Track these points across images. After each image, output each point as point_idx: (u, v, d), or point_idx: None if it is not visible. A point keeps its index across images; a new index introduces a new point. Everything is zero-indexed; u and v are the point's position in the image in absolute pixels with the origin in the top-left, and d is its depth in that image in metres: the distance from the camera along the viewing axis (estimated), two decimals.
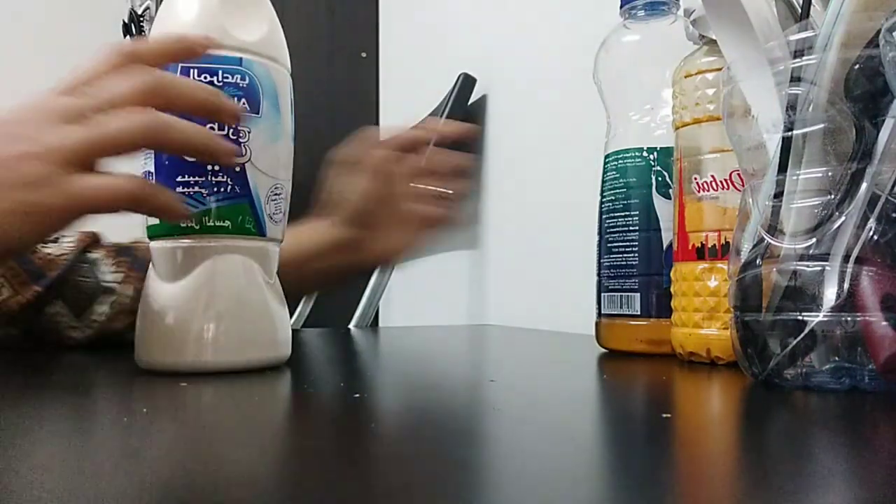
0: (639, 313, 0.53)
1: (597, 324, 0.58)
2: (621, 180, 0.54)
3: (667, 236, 0.53)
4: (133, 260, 0.59)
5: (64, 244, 0.58)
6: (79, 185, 0.37)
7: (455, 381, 0.44)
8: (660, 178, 0.53)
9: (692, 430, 0.30)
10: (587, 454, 0.24)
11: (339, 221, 0.54)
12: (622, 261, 0.54)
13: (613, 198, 0.55)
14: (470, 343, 0.76)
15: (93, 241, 0.60)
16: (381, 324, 1.41)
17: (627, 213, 0.54)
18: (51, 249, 0.57)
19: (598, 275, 0.58)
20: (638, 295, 0.53)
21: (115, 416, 0.31)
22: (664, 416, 0.32)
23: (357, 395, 0.36)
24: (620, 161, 0.55)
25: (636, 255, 0.54)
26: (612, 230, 0.55)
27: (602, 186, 0.57)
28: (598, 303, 0.57)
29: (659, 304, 0.53)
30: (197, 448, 0.25)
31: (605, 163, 0.57)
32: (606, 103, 0.59)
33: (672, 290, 0.52)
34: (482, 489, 0.20)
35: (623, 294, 0.54)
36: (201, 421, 0.31)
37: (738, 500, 0.19)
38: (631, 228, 0.54)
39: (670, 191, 0.52)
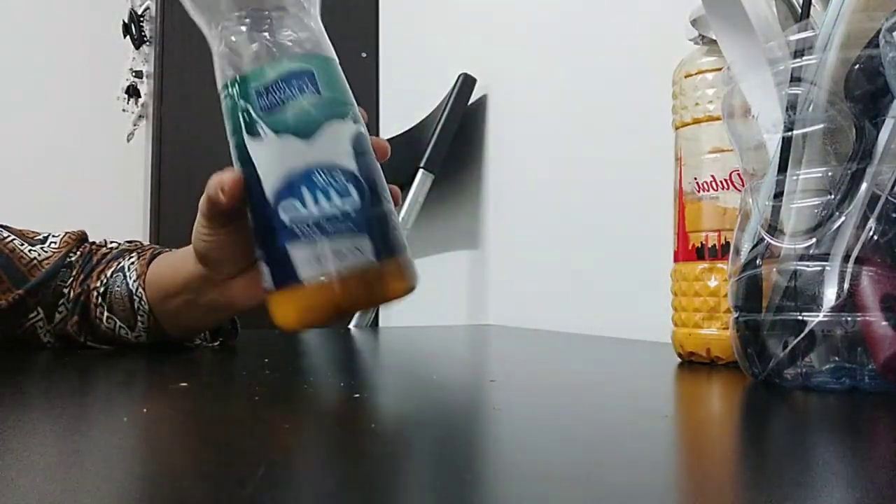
0: None
1: None
2: None
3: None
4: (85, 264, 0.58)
5: (50, 247, 0.58)
6: None
7: (455, 381, 0.44)
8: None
9: (692, 430, 0.30)
10: (587, 454, 0.24)
11: (196, 258, 0.50)
12: None
13: None
14: (470, 343, 0.76)
15: (80, 241, 0.60)
16: (381, 324, 1.41)
17: None
18: (36, 253, 0.57)
19: None
20: None
21: (116, 415, 0.31)
22: (664, 416, 0.32)
23: (357, 395, 0.36)
24: None
25: None
26: None
27: None
28: None
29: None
30: (197, 447, 0.25)
31: None
32: None
33: (672, 290, 0.52)
34: (482, 489, 0.20)
35: None
36: (201, 420, 0.31)
37: (739, 500, 0.19)
38: None
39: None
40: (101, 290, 0.56)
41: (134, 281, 0.56)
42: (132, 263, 0.56)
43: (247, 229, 0.42)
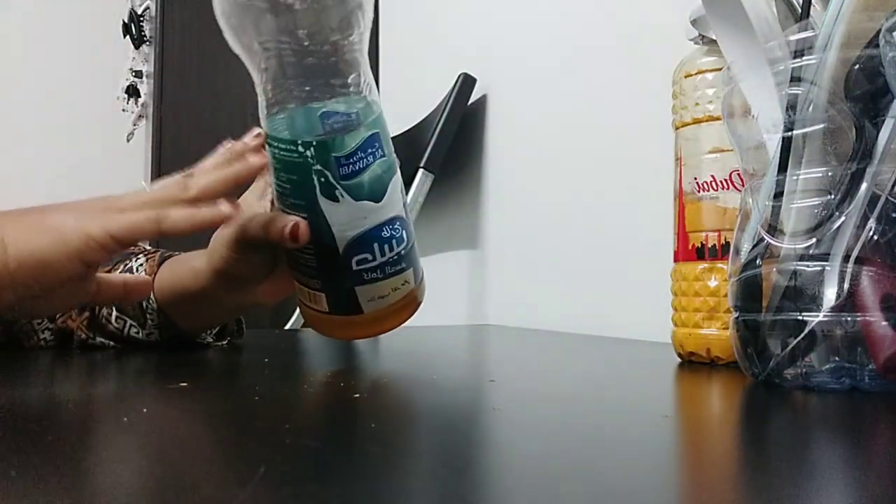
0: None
1: None
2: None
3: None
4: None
5: None
6: (113, 216, 0.45)
7: (455, 381, 0.44)
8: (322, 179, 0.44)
9: (692, 430, 0.30)
10: (587, 454, 0.24)
11: (226, 261, 0.51)
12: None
13: None
14: (470, 343, 0.76)
15: None
16: None
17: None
18: None
19: None
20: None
21: (116, 415, 0.31)
22: (664, 416, 0.32)
23: (357, 395, 0.36)
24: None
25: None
26: None
27: None
28: None
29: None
30: (197, 447, 0.25)
31: None
32: None
33: (672, 289, 0.52)
34: (482, 489, 0.20)
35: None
36: (201, 420, 0.31)
37: (739, 500, 0.19)
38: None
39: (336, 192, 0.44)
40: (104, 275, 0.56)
41: (140, 265, 0.56)
42: (141, 265, 0.57)
43: (267, 248, 0.47)
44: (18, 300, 0.44)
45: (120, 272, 0.57)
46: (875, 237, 0.35)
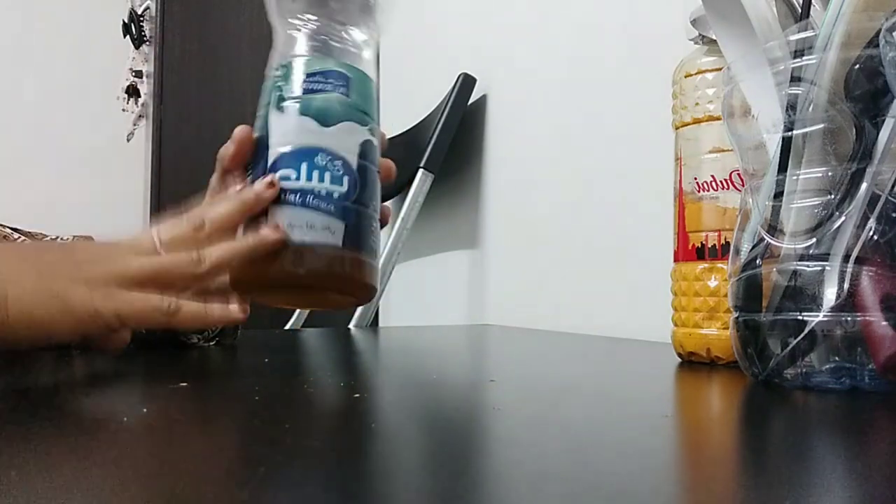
0: None
1: None
2: None
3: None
4: None
5: None
6: (126, 297, 0.43)
7: (455, 381, 0.44)
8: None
9: (692, 430, 0.30)
10: (587, 454, 0.24)
11: None
12: None
13: None
14: (470, 343, 0.76)
15: None
16: (380, 324, 1.41)
17: None
18: None
19: None
20: None
21: (115, 415, 0.31)
22: (664, 416, 0.32)
23: (357, 395, 0.36)
24: None
25: None
26: None
27: None
28: None
29: None
30: (197, 447, 0.25)
31: None
32: None
33: (672, 289, 0.52)
34: (482, 489, 0.20)
35: None
36: (200, 421, 0.31)
37: (739, 500, 0.19)
38: None
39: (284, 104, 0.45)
40: None
41: None
42: None
43: None
44: (9, 345, 0.44)
45: None
46: (875, 237, 0.35)
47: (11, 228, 0.59)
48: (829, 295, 0.35)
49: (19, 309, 0.42)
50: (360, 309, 1.12)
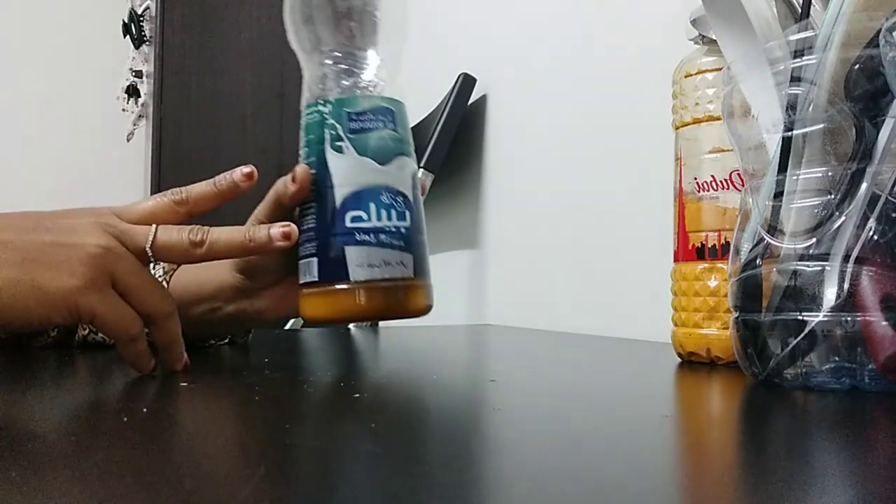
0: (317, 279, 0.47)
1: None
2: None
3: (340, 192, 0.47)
4: None
5: None
6: (96, 296, 0.40)
7: (455, 381, 0.44)
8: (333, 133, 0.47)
9: (692, 430, 0.30)
10: (587, 454, 0.24)
11: (234, 266, 0.52)
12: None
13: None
14: (470, 343, 0.76)
15: None
16: (381, 324, 1.41)
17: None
18: None
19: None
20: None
21: (115, 415, 0.31)
22: (664, 416, 0.32)
23: (357, 395, 0.36)
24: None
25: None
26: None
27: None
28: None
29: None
30: (196, 447, 0.25)
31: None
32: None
33: (672, 289, 0.52)
34: (482, 489, 0.20)
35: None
36: (201, 420, 0.31)
37: (739, 500, 0.19)
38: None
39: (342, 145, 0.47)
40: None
41: (161, 276, 0.57)
42: (157, 263, 0.57)
43: (292, 251, 0.46)
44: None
45: None
46: (875, 237, 0.35)
47: None
48: (829, 295, 0.35)
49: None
50: None
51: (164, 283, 0.56)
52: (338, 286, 0.45)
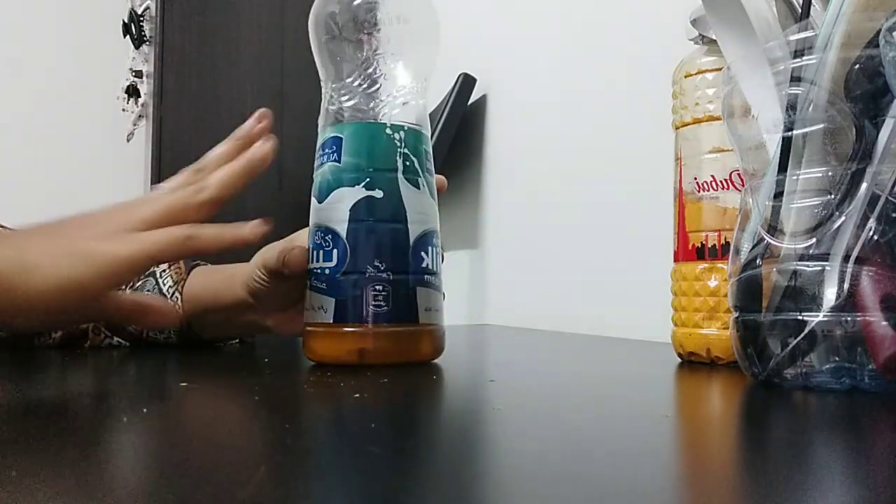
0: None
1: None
2: None
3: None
4: None
5: None
6: (142, 236, 0.43)
7: (455, 381, 0.44)
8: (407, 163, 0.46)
9: (692, 430, 0.30)
10: (587, 454, 0.24)
11: (246, 288, 0.53)
12: None
13: None
14: (470, 343, 0.76)
15: None
16: None
17: None
18: None
19: None
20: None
21: (115, 415, 0.31)
22: (664, 416, 0.32)
23: (357, 395, 0.36)
24: None
25: None
26: None
27: None
28: None
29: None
30: (197, 447, 0.25)
31: None
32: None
33: (672, 289, 0.52)
34: (482, 489, 0.20)
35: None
36: (200, 421, 0.31)
37: (739, 500, 0.19)
38: None
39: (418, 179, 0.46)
40: (129, 293, 0.56)
41: (170, 287, 0.57)
42: (164, 270, 0.58)
43: (300, 277, 0.46)
44: (35, 323, 0.43)
45: (141, 276, 0.58)
46: (875, 237, 0.35)
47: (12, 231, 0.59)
48: (829, 295, 0.35)
49: (42, 274, 0.41)
50: None
51: (178, 294, 0.57)
52: (407, 328, 0.45)
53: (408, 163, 0.45)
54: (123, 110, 2.75)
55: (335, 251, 0.44)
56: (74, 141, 2.64)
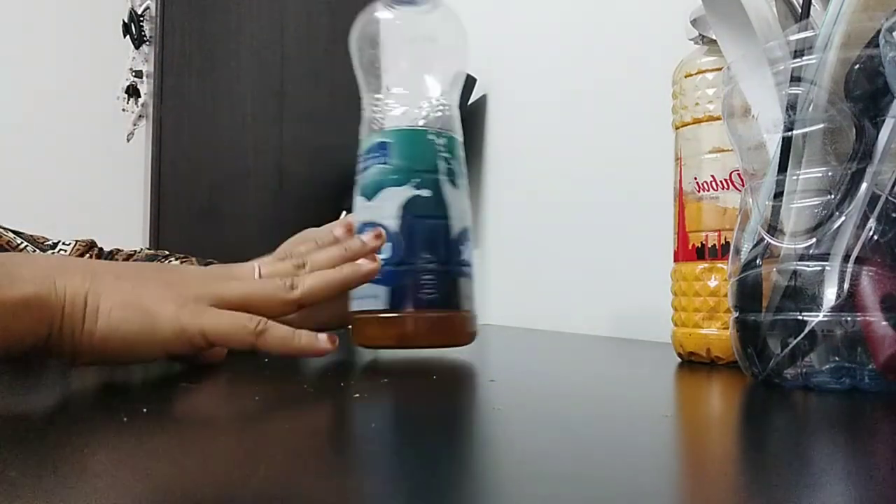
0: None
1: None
2: None
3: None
4: None
5: (60, 252, 0.58)
6: (212, 315, 0.42)
7: (455, 381, 0.44)
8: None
9: (692, 430, 0.30)
10: (587, 454, 0.24)
11: None
12: None
13: None
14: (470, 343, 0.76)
15: (89, 248, 0.60)
16: None
17: None
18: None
19: None
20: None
21: (115, 415, 0.31)
22: (664, 416, 0.32)
23: (357, 395, 0.36)
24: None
25: None
26: None
27: None
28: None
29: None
30: (196, 448, 0.25)
31: None
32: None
33: (672, 289, 0.52)
34: (482, 489, 0.20)
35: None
36: (200, 421, 0.31)
37: (739, 500, 0.19)
38: None
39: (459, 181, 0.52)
40: None
41: None
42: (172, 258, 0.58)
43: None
44: (75, 360, 0.42)
45: None
46: (875, 237, 0.35)
47: (14, 232, 0.59)
48: (829, 295, 0.35)
49: (107, 322, 0.40)
50: None
51: None
52: (450, 314, 0.50)
53: (448, 165, 0.50)
54: (123, 110, 2.75)
55: (389, 244, 0.48)
56: (74, 141, 2.64)
